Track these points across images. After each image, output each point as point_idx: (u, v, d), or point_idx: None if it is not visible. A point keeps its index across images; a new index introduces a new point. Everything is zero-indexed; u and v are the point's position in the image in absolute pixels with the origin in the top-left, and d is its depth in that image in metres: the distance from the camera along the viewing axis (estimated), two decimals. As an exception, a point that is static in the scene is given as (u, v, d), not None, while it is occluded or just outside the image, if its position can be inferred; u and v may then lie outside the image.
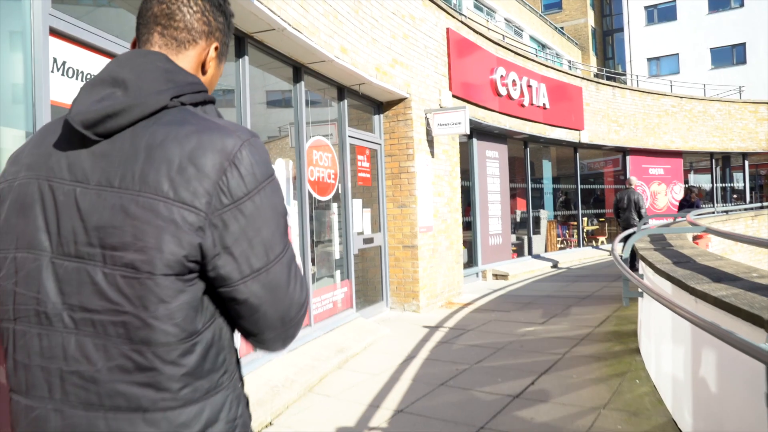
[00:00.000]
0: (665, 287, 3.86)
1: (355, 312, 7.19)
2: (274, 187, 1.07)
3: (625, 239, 8.21)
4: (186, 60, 1.17)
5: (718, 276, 3.40)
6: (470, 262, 11.16)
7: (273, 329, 1.08)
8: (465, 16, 9.94)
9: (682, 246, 5.48)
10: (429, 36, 8.60)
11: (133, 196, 0.98)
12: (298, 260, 1.19)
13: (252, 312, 1.05)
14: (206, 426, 1.04)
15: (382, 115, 8.24)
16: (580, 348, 5.97)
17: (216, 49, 1.21)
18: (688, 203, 14.66)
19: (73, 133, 1.04)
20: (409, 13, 8.03)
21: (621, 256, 5.49)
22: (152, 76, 1.06)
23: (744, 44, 29.56)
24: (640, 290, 5.39)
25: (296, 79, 6.21)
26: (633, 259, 10.15)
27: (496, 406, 4.38)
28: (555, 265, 13.08)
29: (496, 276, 11.38)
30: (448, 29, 9.22)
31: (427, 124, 8.47)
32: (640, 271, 5.48)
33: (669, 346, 4.10)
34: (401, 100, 8.07)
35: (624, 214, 10.84)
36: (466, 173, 10.99)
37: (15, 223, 1.06)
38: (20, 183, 1.07)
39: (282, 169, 5.86)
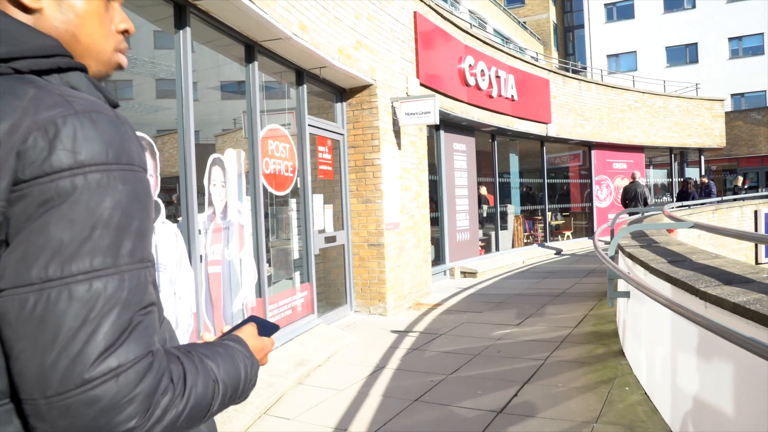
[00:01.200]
0: (662, 289, 3.43)
1: (317, 318, 6.58)
2: (111, 181, 0.75)
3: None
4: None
5: (726, 277, 3.01)
6: (437, 259, 10.68)
7: (28, 394, 0.70)
8: (432, 1, 9.42)
9: (668, 242, 5.09)
10: (395, 19, 8.04)
11: None
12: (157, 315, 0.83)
13: (8, 349, 0.71)
14: None
15: (345, 103, 7.65)
16: (561, 352, 5.54)
17: None
18: (685, 194, 15.70)
19: None
20: (374, -8, 7.46)
21: (607, 254, 5.06)
22: None
23: (696, 44, 30.09)
24: (627, 290, 4.99)
25: (249, 59, 5.58)
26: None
27: (478, 424, 3.88)
28: (522, 261, 12.71)
29: (464, 273, 10.92)
30: (415, 13, 8.68)
31: (394, 113, 7.92)
32: (625, 269, 5.04)
33: (666, 352, 3.70)
34: (366, 86, 7.49)
35: (631, 204, 12.39)
36: (433, 167, 10.49)
37: None
38: None
39: (233, 161, 5.24)
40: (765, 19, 28.33)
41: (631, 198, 12.48)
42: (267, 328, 1.09)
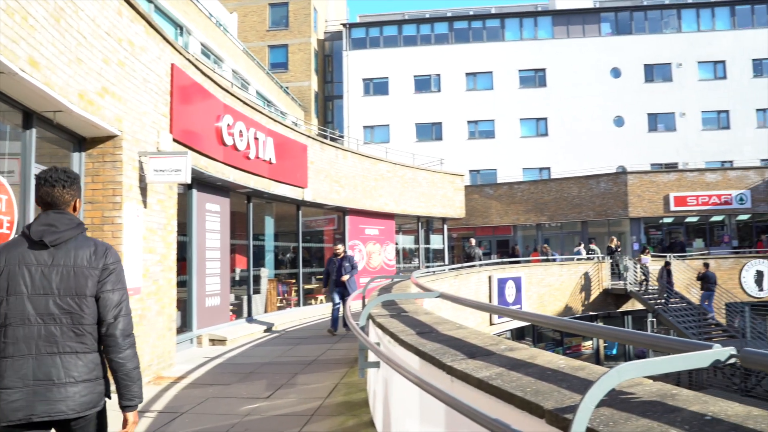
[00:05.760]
0: (411, 362, 3.48)
1: (30, 401, 5.53)
2: (121, 264, 2.64)
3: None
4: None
5: (470, 350, 3.12)
6: (184, 326, 9.94)
7: (122, 332, 2.56)
8: (193, 56, 9.06)
9: (416, 311, 5.26)
10: (150, 69, 7.51)
11: (72, 267, 2.47)
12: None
13: (117, 323, 2.54)
14: (102, 365, 2.55)
15: (84, 153, 6.82)
16: (312, 426, 5.39)
17: (78, 200, 2.68)
18: (612, 251, 21.05)
19: (35, 243, 2.47)
20: (128, 38, 6.89)
21: (358, 324, 5.08)
22: (68, 223, 2.54)
23: (441, 123, 33.84)
24: (377, 360, 5.04)
25: (-41, 93, 4.67)
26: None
27: None
28: (274, 327, 12.47)
29: (213, 341, 10.30)
30: (173, 65, 8.23)
31: (141, 168, 7.28)
32: (375, 339, 5.11)
33: (415, 427, 3.71)
34: (110, 137, 6.79)
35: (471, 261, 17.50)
36: (183, 227, 9.88)
37: (8, 284, 2.42)
38: (9, 266, 2.43)
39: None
40: (494, 107, 33.12)
41: (471, 258, 18.35)
42: None
